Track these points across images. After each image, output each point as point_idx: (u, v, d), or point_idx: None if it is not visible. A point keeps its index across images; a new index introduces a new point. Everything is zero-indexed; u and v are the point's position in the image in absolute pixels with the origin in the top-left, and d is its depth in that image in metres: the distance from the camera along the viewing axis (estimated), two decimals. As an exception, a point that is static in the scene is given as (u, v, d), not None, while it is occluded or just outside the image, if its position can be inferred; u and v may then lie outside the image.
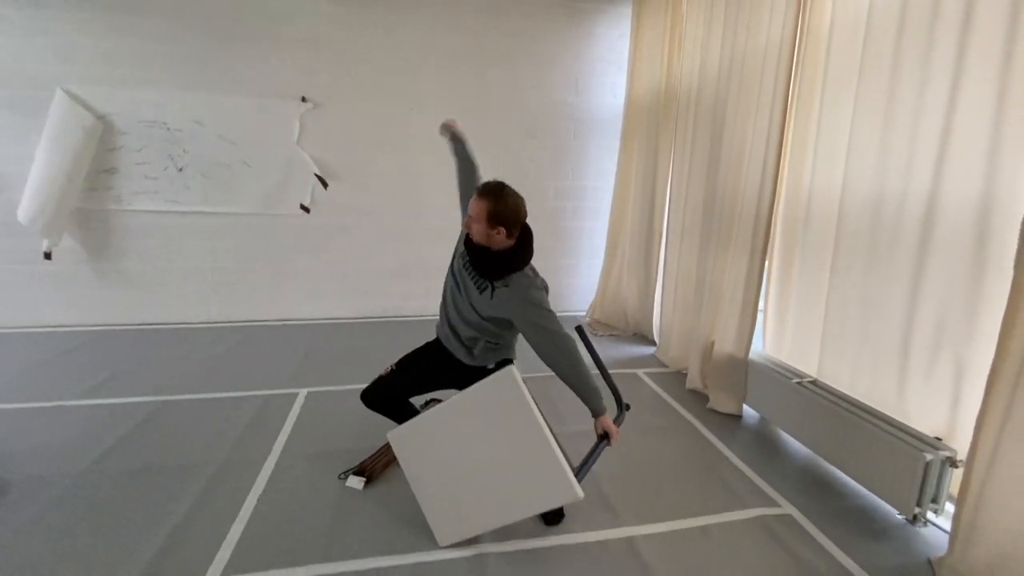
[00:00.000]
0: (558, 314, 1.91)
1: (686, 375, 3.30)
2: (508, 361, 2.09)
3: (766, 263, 2.70)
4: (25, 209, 3.74)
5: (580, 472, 1.73)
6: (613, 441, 1.83)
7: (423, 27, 4.18)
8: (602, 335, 4.32)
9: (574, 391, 1.85)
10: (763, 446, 2.58)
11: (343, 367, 3.41)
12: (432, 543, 1.81)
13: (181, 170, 4.04)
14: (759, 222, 2.64)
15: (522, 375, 1.73)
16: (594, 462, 1.84)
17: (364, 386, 2.17)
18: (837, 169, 2.30)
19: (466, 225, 1.90)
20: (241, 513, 1.94)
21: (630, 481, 2.26)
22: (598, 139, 4.67)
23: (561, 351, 1.82)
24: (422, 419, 1.91)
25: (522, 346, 2.03)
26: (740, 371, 2.80)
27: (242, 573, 1.66)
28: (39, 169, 3.72)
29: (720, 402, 2.91)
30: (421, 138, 4.30)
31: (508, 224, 1.82)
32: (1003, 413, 1.57)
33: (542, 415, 1.70)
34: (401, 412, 2.13)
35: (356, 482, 2.12)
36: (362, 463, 2.22)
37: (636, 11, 4.11)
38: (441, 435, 1.83)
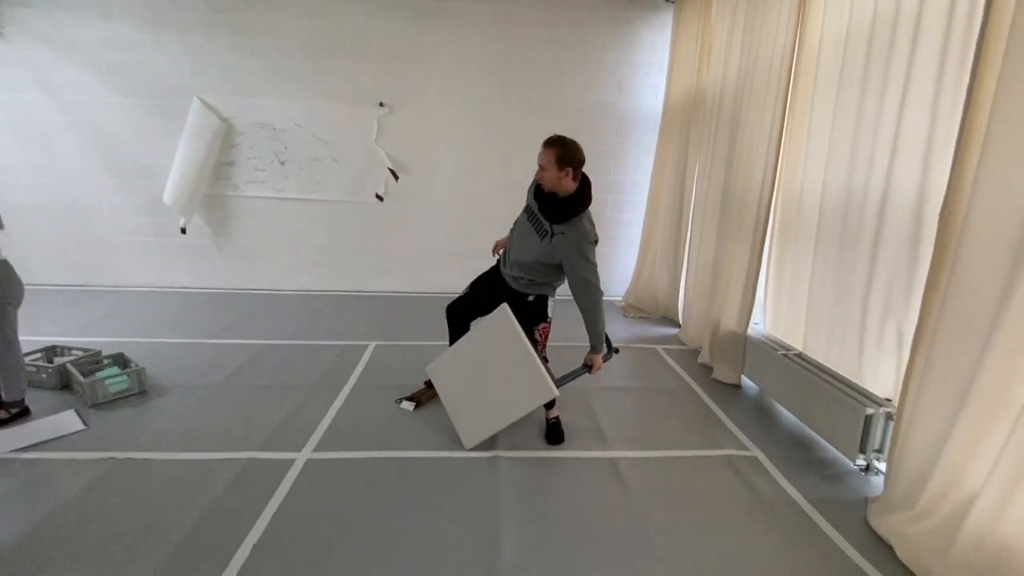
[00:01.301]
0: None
1: (700, 352, 3.69)
2: (543, 297, 2.52)
3: (765, 250, 3.06)
4: (169, 193, 4.76)
5: (559, 381, 2.32)
6: (594, 371, 2.40)
7: (483, 39, 4.78)
8: (634, 317, 4.75)
9: (588, 330, 2.32)
10: (752, 409, 2.97)
11: (404, 329, 4.11)
12: (460, 446, 2.41)
13: (283, 164, 4.92)
14: (760, 213, 3.01)
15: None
16: (572, 379, 2.42)
17: (422, 343, 2.81)
18: (820, 168, 2.63)
19: (538, 176, 2.22)
20: (326, 417, 2.65)
21: (625, 423, 2.76)
22: (639, 136, 5.07)
23: (591, 300, 2.26)
24: (450, 352, 2.53)
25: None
26: (740, 345, 3.18)
27: (326, 450, 2.35)
28: (179, 162, 4.72)
29: (722, 373, 3.30)
30: (478, 136, 4.93)
31: (574, 165, 2.16)
32: (922, 368, 1.91)
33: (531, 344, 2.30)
34: (459, 330, 2.68)
35: (408, 405, 2.78)
36: (414, 393, 2.88)
37: (676, 19, 4.48)
38: (462, 362, 2.49)
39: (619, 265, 5.35)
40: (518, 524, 1.94)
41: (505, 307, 2.31)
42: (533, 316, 2.48)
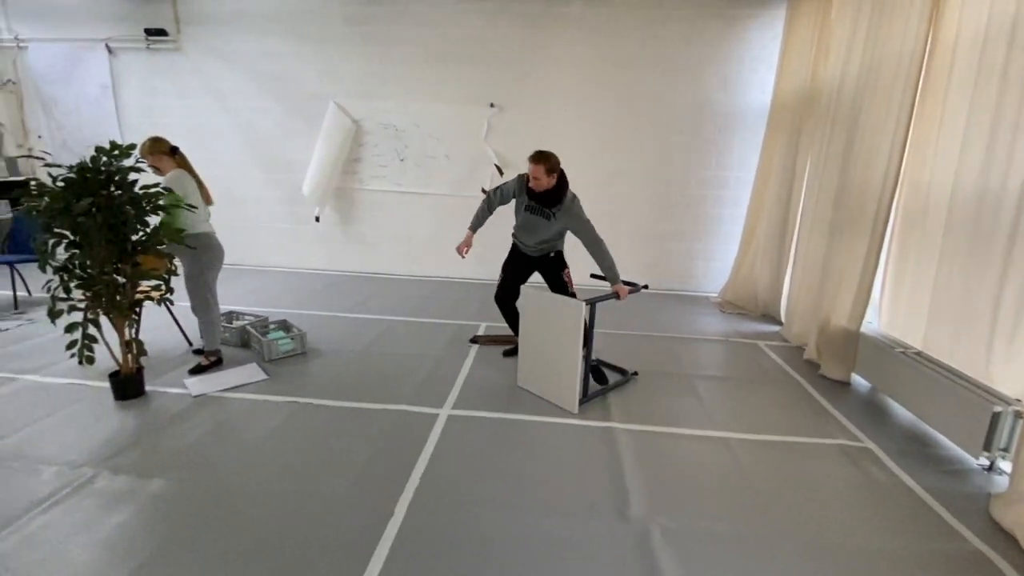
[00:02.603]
0: (686, 293, 2.65)
1: (805, 349, 3.70)
2: (560, 251, 3.33)
3: (883, 249, 3.04)
4: (307, 185, 5.44)
5: (590, 301, 2.75)
6: (622, 297, 2.97)
7: (590, 41, 5.00)
8: (731, 313, 4.79)
9: (602, 268, 2.98)
10: (864, 405, 2.99)
11: (510, 313, 4.45)
12: (572, 415, 2.69)
13: (403, 161, 5.44)
14: (879, 211, 3.00)
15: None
16: (602, 300, 2.84)
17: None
18: (951, 165, 2.61)
19: (533, 183, 2.94)
20: (457, 381, 3.04)
21: (733, 409, 2.90)
22: (743, 132, 5.07)
23: (598, 245, 2.98)
24: (535, 294, 2.88)
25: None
26: (852, 342, 3.19)
27: (462, 409, 2.72)
28: (316, 158, 5.38)
29: (830, 369, 3.32)
30: (580, 132, 5.18)
31: (556, 169, 2.91)
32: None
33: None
34: (510, 313, 3.42)
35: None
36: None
37: (788, 16, 4.44)
38: (539, 313, 2.83)
39: (715, 263, 5.38)
40: (641, 482, 2.18)
41: (582, 304, 2.65)
42: (559, 264, 3.32)
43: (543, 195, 3.00)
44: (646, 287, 3.12)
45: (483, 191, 5.44)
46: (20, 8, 5.49)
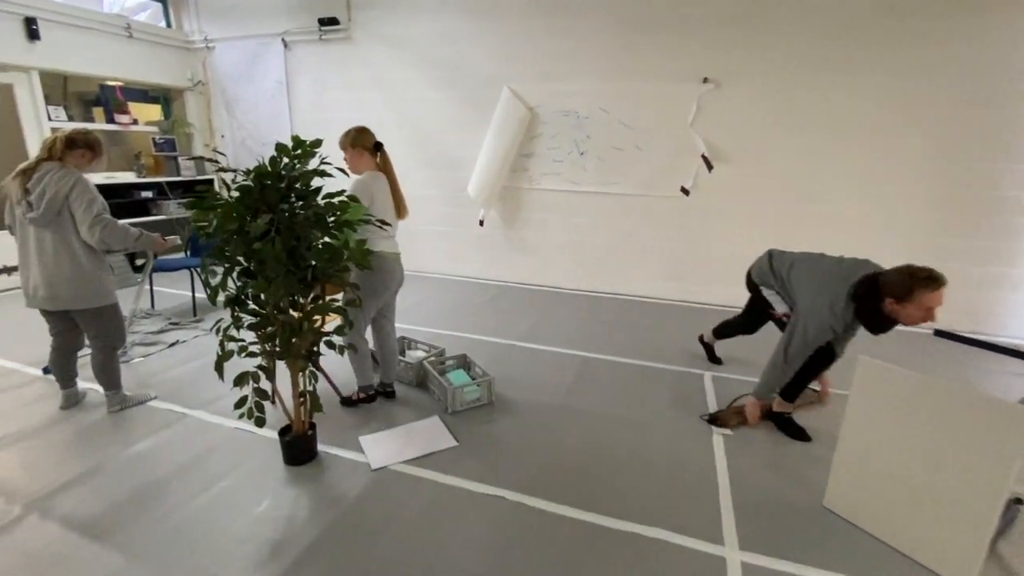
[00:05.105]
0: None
1: None
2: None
3: None
4: (473, 185, 4.80)
5: None
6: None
7: (857, -15, 3.64)
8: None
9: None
10: None
11: (729, 355, 3.36)
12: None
13: (583, 154, 4.56)
14: None
15: None
16: None
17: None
18: None
19: (925, 316, 1.95)
20: (719, 486, 2.06)
21: None
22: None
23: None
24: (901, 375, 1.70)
25: None
26: None
27: (758, 551, 1.73)
28: (485, 154, 4.71)
29: None
30: (837, 115, 3.84)
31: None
32: None
33: None
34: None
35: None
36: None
37: None
38: (907, 404, 1.67)
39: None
40: None
41: None
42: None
43: (874, 314, 2.09)
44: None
45: (683, 190, 4.35)
46: (208, 8, 5.56)
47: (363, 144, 2.40)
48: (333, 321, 2.59)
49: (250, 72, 5.54)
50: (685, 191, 4.36)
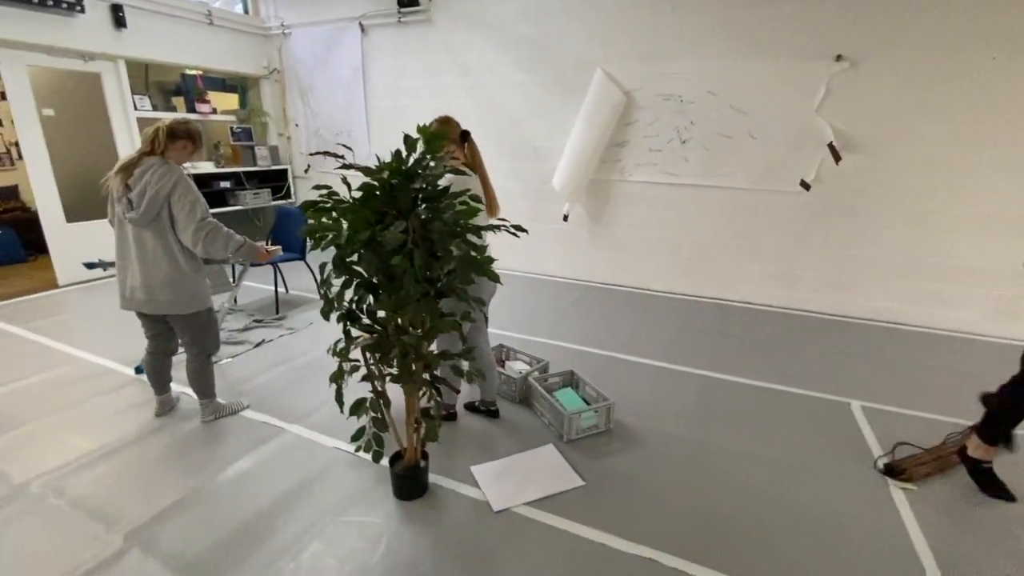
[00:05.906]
0: None
1: None
2: None
3: None
4: (558, 178, 4.46)
5: None
6: None
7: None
8: None
9: None
10: None
11: (888, 375, 2.89)
12: None
13: (684, 143, 4.11)
14: None
15: None
16: None
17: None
18: None
19: None
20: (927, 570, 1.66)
21: None
22: None
23: None
24: None
25: None
26: None
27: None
28: (573, 142, 4.34)
29: None
30: (997, 100, 3.23)
31: None
32: None
33: None
34: None
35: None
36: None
37: None
38: None
39: None
40: None
41: None
42: None
43: None
44: None
45: (803, 184, 3.84)
46: (286, -7, 5.42)
47: (447, 136, 2.10)
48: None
49: (325, 58, 5.38)
50: (806, 185, 3.84)
